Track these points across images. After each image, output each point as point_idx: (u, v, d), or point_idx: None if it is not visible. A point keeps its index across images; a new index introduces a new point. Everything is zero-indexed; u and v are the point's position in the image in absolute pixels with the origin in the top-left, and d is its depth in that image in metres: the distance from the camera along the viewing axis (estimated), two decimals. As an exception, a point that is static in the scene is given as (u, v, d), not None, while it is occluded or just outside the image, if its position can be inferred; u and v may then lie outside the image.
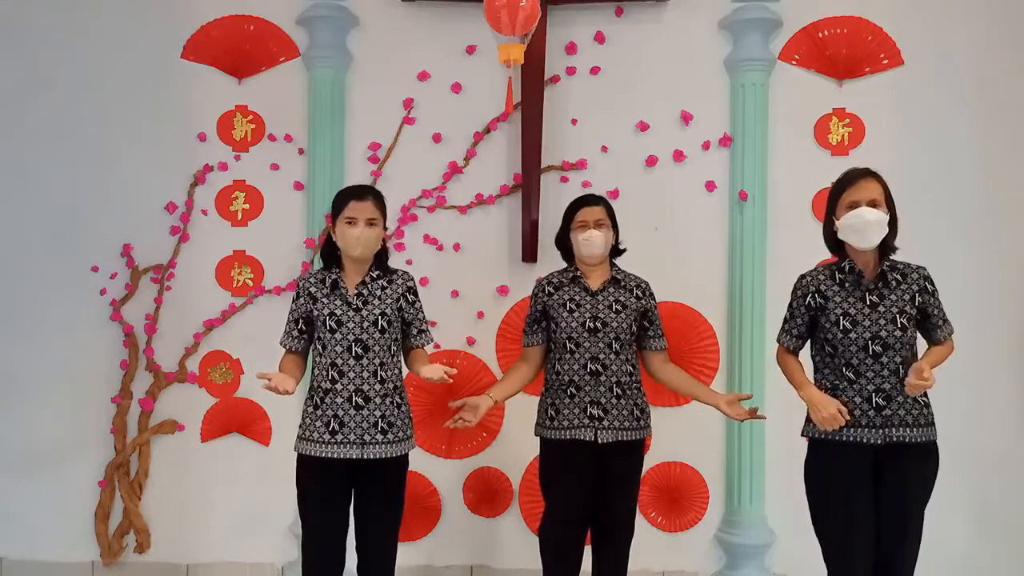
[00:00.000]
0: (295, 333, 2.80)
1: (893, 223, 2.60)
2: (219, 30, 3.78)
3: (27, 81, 3.81)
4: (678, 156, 3.66)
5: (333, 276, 2.76)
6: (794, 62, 3.67)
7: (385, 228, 2.78)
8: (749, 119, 3.61)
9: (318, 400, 2.72)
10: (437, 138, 3.73)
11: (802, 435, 2.73)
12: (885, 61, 3.64)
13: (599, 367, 2.88)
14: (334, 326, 2.70)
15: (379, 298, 2.74)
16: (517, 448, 3.58)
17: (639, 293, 2.98)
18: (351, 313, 2.71)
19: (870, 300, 2.59)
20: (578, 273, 2.99)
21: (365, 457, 2.68)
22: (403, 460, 2.80)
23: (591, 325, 2.88)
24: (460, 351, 3.71)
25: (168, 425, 3.76)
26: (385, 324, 2.72)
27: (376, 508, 2.77)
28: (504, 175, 3.73)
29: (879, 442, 2.55)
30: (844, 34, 3.64)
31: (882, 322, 2.57)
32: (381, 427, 2.70)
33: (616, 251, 3.04)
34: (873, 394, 2.57)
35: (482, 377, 3.71)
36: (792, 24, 3.65)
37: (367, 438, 2.69)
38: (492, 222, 3.73)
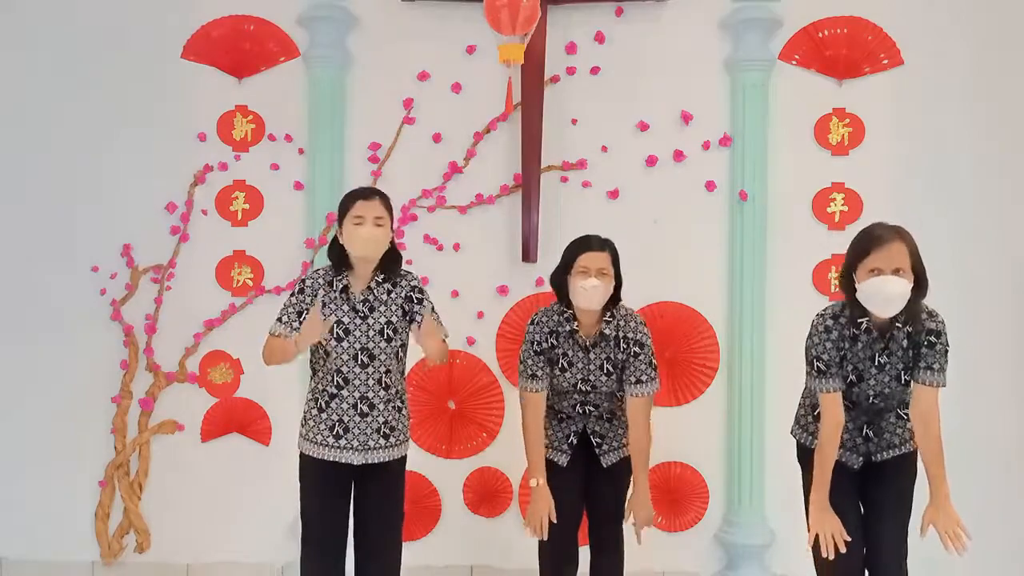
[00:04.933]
0: (295, 324, 2.68)
1: (921, 284, 2.38)
2: (219, 30, 3.78)
3: (27, 81, 3.81)
4: (678, 156, 3.66)
5: (342, 281, 2.71)
6: (794, 62, 3.67)
7: (392, 230, 2.73)
8: (749, 119, 3.61)
9: (323, 403, 2.71)
10: (437, 138, 3.73)
11: (791, 434, 2.78)
12: (885, 61, 3.64)
13: (590, 407, 2.88)
14: (341, 335, 2.67)
15: (385, 304, 2.71)
16: (517, 448, 3.55)
17: (624, 346, 2.79)
18: (358, 321, 2.68)
19: (879, 361, 2.48)
20: (574, 323, 2.81)
21: (368, 462, 2.71)
22: (402, 460, 2.82)
23: (582, 387, 2.84)
24: (460, 351, 3.70)
25: (168, 425, 3.76)
26: (391, 332, 2.71)
27: (377, 506, 2.78)
28: (504, 175, 3.73)
29: (856, 467, 2.60)
30: (844, 34, 3.64)
31: (886, 379, 2.50)
32: (384, 432, 2.72)
33: (614, 298, 2.79)
34: (865, 425, 2.60)
35: (482, 377, 3.71)
36: (792, 24, 3.65)
37: (371, 443, 2.70)
38: (492, 222, 3.72)
